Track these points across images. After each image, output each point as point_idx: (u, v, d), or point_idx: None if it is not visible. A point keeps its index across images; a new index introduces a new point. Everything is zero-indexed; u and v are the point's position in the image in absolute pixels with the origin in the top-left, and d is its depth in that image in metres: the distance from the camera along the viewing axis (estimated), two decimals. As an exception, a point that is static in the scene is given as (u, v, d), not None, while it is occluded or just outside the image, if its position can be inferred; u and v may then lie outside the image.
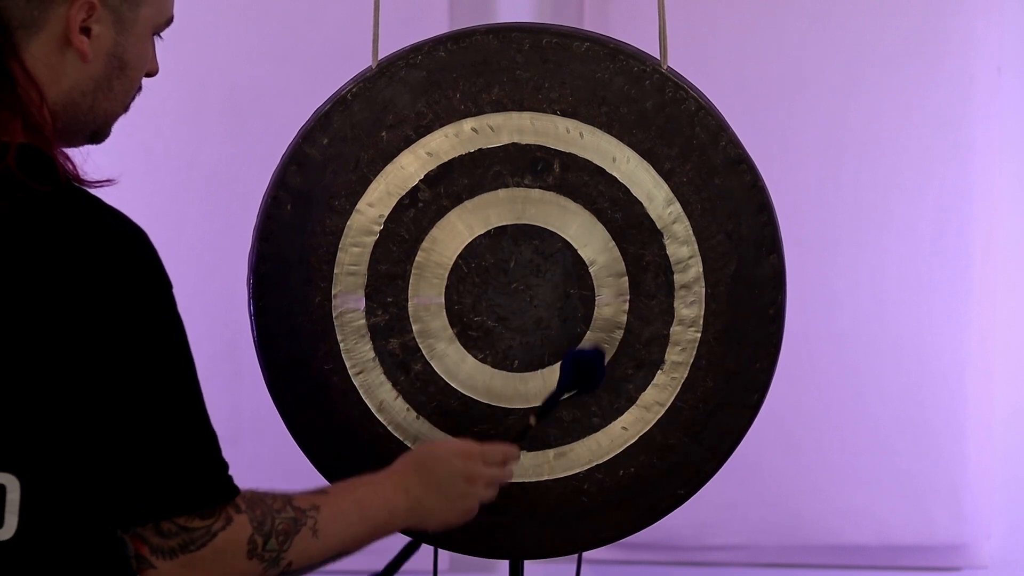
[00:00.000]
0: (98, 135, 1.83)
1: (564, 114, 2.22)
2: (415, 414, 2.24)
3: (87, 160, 1.77)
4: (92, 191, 1.73)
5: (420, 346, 2.24)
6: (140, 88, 1.85)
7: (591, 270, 2.23)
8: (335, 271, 2.24)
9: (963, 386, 3.45)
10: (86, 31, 1.76)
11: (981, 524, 3.47)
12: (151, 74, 1.86)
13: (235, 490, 1.77)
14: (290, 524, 1.81)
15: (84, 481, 1.70)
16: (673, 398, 2.24)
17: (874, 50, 3.43)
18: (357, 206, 2.23)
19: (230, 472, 1.77)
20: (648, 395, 2.24)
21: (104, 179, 1.75)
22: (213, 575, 1.75)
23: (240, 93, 3.46)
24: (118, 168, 1.78)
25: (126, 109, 1.84)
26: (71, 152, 1.77)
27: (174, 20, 1.86)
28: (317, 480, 2.19)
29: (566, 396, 2.16)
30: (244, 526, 1.76)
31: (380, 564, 2.13)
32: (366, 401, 2.24)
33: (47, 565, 1.70)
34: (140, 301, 1.68)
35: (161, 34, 1.86)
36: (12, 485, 1.67)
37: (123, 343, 1.67)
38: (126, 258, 1.68)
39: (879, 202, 3.45)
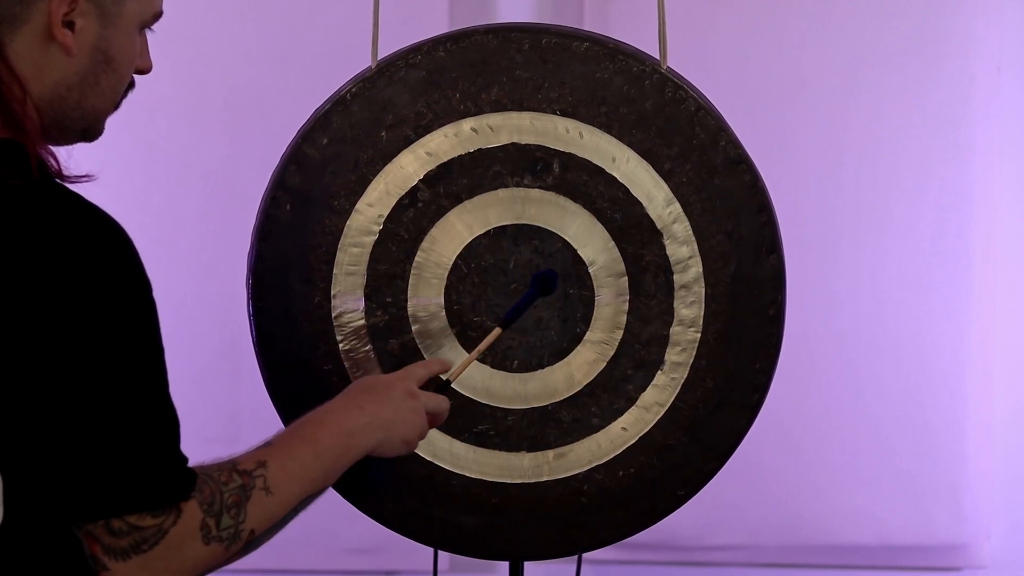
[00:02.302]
0: (89, 132, 1.81)
1: (564, 114, 2.22)
2: (415, 414, 2.24)
3: (71, 156, 1.75)
4: (72, 187, 1.71)
5: (420, 346, 2.24)
6: (133, 85, 1.83)
7: (591, 270, 2.23)
8: (334, 271, 2.23)
9: (963, 386, 3.46)
10: (69, 25, 1.74)
11: (981, 524, 3.47)
12: (143, 71, 1.83)
13: (191, 486, 1.71)
14: (239, 493, 1.75)
15: (64, 475, 1.67)
16: (673, 398, 2.24)
17: (874, 50, 3.43)
18: (356, 206, 2.23)
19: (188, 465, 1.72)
20: (648, 395, 2.24)
21: (83, 175, 1.73)
22: (172, 570, 1.69)
23: (239, 93, 3.46)
24: (119, 168, 1.78)
25: (117, 106, 1.82)
26: (57, 150, 1.75)
27: (164, 16, 1.83)
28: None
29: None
30: (194, 513, 1.70)
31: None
32: (366, 401, 2.24)
33: (32, 558, 1.68)
34: (104, 295, 1.65)
35: (152, 28, 1.83)
36: None
37: (86, 336, 1.64)
38: (94, 252, 1.66)
39: (879, 202, 3.45)
